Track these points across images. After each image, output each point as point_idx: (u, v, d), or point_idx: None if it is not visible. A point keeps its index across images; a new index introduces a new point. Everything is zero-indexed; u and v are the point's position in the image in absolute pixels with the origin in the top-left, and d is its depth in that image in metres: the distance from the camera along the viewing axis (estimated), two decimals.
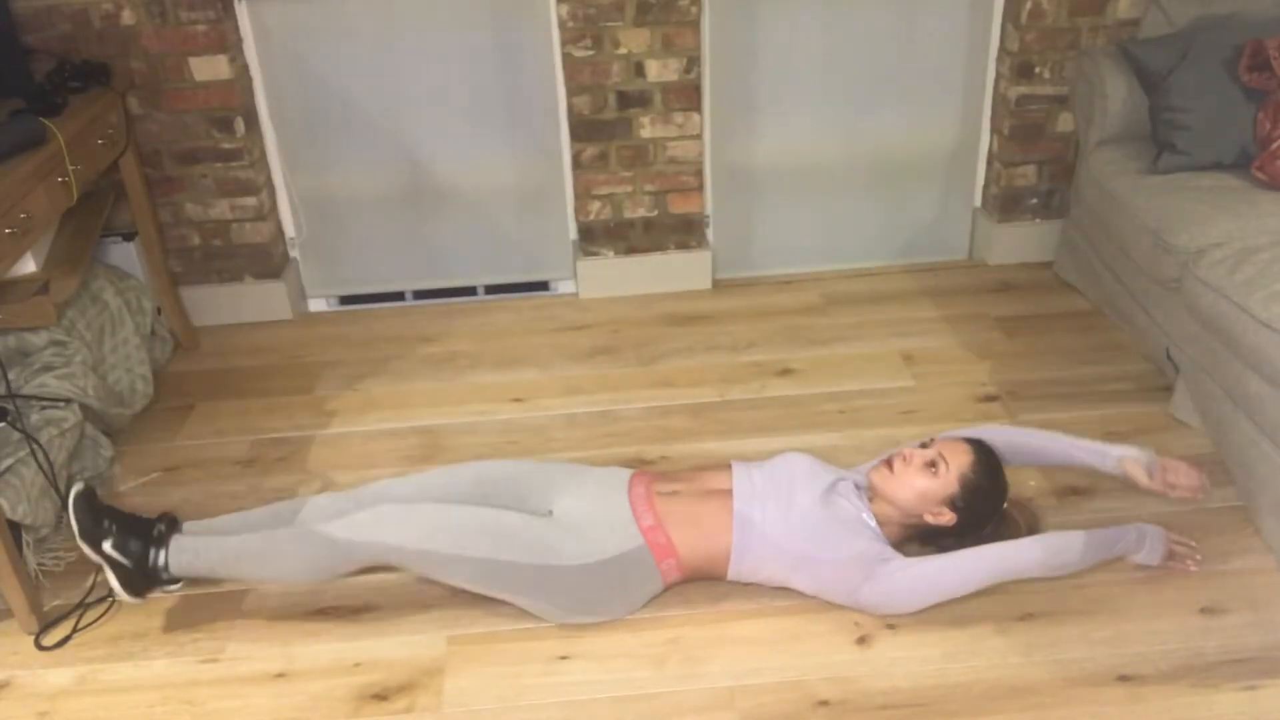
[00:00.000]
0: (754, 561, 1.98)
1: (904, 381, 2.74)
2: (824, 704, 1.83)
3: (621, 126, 3.01)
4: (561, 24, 2.87)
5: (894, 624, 1.98)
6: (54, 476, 2.16)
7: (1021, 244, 3.28)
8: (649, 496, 2.01)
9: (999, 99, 3.14)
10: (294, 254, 3.23)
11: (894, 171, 3.24)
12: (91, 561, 1.98)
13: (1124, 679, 1.85)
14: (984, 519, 1.97)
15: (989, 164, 3.26)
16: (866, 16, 3.02)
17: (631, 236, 3.18)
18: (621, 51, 2.91)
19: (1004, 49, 3.07)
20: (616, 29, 2.88)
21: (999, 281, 3.21)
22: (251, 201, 3.03)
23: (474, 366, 2.90)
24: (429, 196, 3.16)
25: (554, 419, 2.65)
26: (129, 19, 2.76)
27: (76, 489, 1.97)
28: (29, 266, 2.35)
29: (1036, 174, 3.19)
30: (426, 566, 1.94)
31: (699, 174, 3.10)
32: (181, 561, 1.97)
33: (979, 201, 3.33)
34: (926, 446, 2.00)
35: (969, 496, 1.95)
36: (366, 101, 3.01)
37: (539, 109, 3.05)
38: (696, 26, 2.90)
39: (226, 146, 2.94)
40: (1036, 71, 3.03)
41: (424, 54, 2.96)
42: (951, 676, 1.88)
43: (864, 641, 1.95)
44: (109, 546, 1.94)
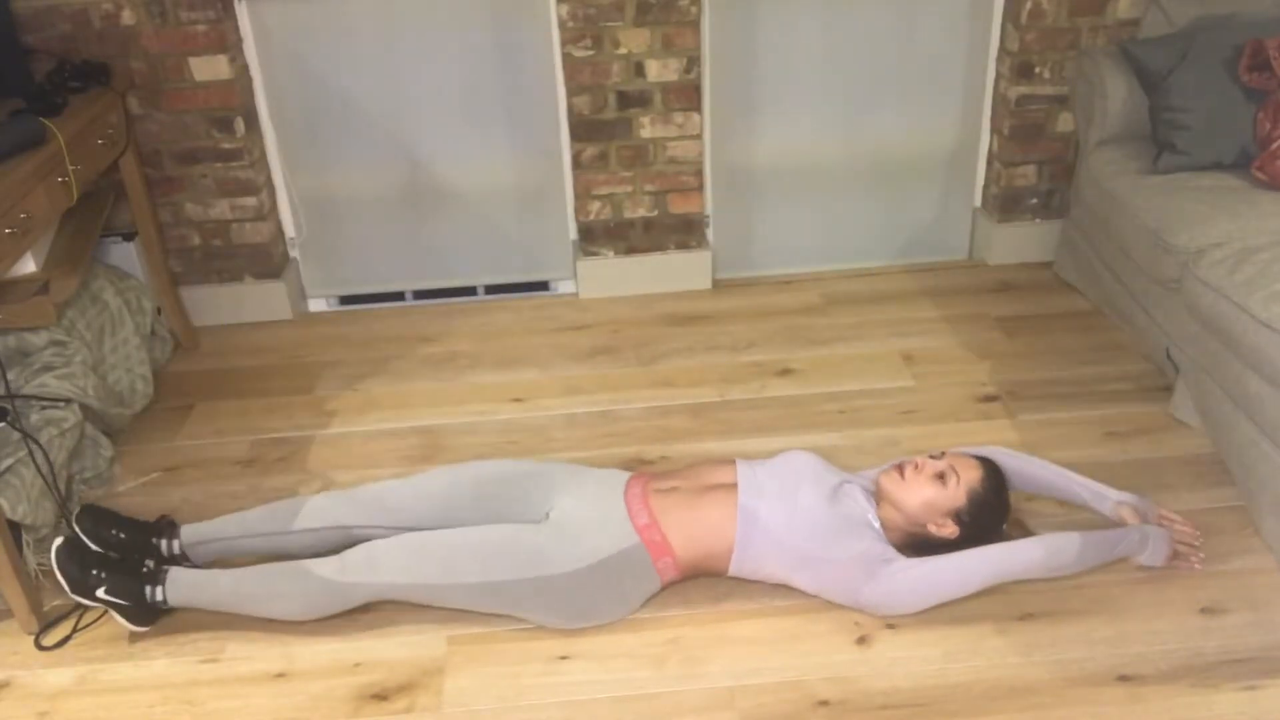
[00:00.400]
0: (756, 557, 1.98)
1: (904, 381, 2.74)
2: (824, 704, 1.84)
3: (621, 126, 3.01)
4: (561, 24, 2.87)
5: (894, 624, 1.98)
6: (54, 476, 2.16)
7: (1021, 244, 3.28)
8: (644, 495, 2.02)
9: (999, 99, 3.14)
10: (294, 254, 3.23)
11: (894, 171, 3.24)
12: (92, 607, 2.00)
13: (1124, 679, 1.85)
14: (986, 535, 1.98)
15: (989, 164, 3.26)
16: (866, 16, 3.02)
17: (631, 236, 3.18)
18: (621, 51, 2.91)
19: (1004, 49, 3.07)
20: (616, 29, 2.88)
21: (999, 281, 3.21)
22: (251, 201, 3.03)
23: (474, 366, 2.90)
24: (429, 196, 3.16)
25: (554, 419, 2.65)
26: (129, 19, 2.76)
27: (57, 543, 1.96)
28: (29, 266, 2.35)
29: (1036, 174, 3.19)
30: (424, 597, 1.97)
31: (699, 174, 3.10)
32: (179, 596, 1.98)
33: (979, 201, 3.33)
34: (938, 459, 2.01)
35: (975, 511, 1.96)
36: (366, 101, 3.01)
37: (539, 109, 3.05)
38: (696, 26, 2.90)
39: (226, 146, 2.94)
40: (1036, 71, 3.03)
41: (424, 54, 2.96)
42: (951, 676, 1.88)
43: (864, 641, 1.95)
44: (103, 593, 1.95)
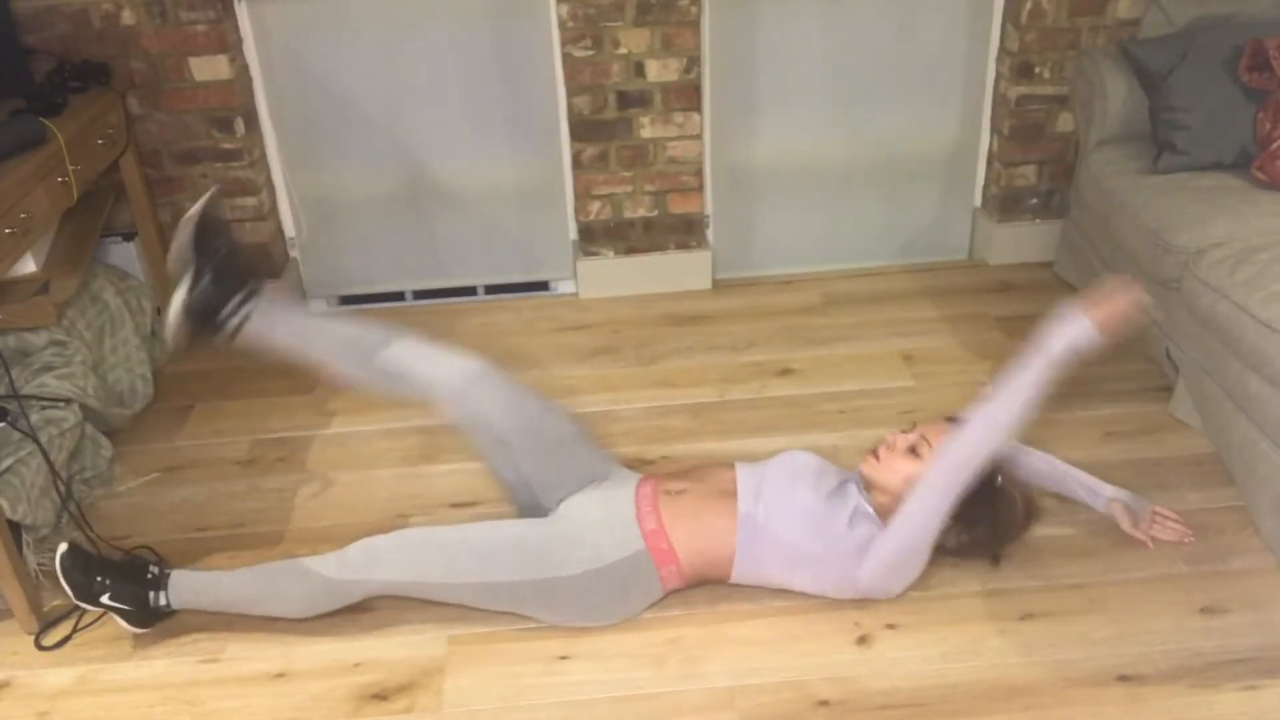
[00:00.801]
0: (757, 560, 1.97)
1: (904, 381, 2.74)
2: (824, 704, 1.83)
3: (621, 126, 3.01)
4: (561, 24, 2.87)
5: (894, 624, 1.98)
6: (54, 477, 2.16)
7: (1021, 244, 3.28)
8: (654, 497, 2.01)
9: (999, 99, 3.14)
10: (294, 254, 3.23)
11: (894, 171, 3.24)
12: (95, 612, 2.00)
13: (1124, 679, 1.85)
14: (975, 495, 1.91)
15: (989, 164, 3.26)
16: (866, 16, 3.01)
17: (631, 236, 3.18)
18: (621, 51, 2.91)
19: (1004, 49, 3.07)
20: (616, 29, 2.88)
21: (999, 281, 3.21)
22: (251, 201, 3.03)
23: None
24: (429, 196, 3.16)
25: None
26: (129, 19, 2.76)
27: (61, 550, 1.95)
28: (29, 266, 2.35)
29: (1036, 174, 3.19)
30: (425, 594, 1.97)
31: (699, 174, 3.10)
32: (182, 599, 1.98)
33: (979, 201, 3.33)
34: (909, 432, 2.00)
35: None
36: (366, 101, 3.01)
37: (539, 109, 3.05)
38: (696, 26, 2.90)
39: (226, 146, 2.94)
40: (1036, 71, 3.03)
41: (424, 54, 2.96)
42: (951, 676, 1.88)
43: (864, 641, 1.95)
44: (107, 599, 1.95)
